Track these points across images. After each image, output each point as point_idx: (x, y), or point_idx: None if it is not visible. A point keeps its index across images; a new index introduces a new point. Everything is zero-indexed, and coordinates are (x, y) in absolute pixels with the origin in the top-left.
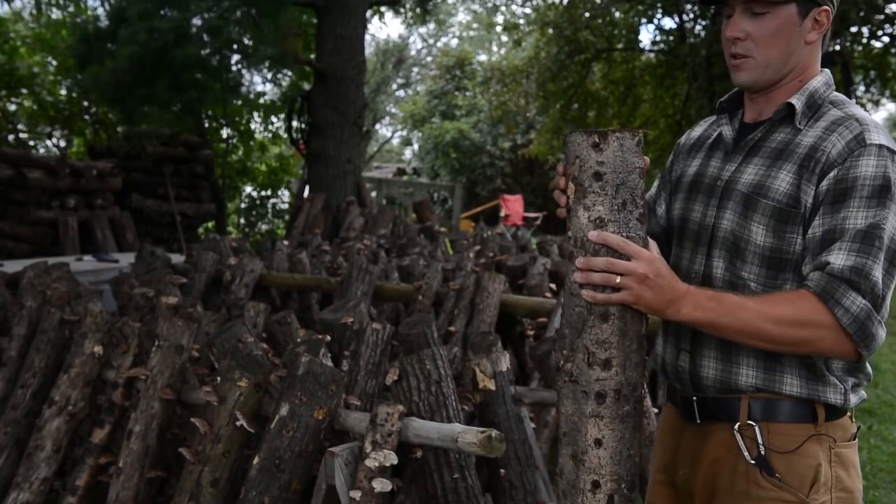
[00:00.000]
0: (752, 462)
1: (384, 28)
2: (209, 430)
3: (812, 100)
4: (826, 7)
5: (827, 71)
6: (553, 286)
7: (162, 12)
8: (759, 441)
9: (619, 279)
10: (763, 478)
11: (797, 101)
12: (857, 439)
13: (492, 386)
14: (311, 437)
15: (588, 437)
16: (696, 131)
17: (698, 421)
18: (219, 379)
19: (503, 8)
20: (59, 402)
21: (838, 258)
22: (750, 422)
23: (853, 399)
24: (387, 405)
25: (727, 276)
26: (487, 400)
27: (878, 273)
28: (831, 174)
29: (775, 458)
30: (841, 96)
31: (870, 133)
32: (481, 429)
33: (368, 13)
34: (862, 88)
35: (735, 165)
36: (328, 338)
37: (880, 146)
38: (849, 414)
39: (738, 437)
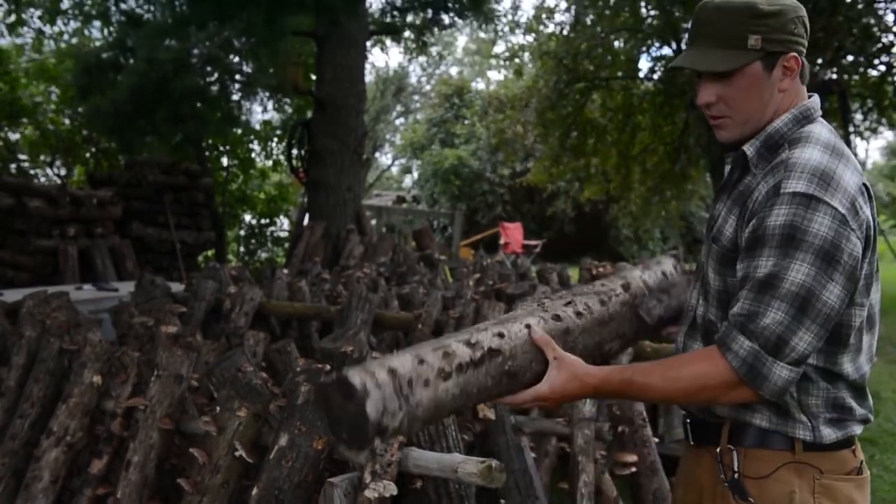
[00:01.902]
0: (726, 484)
1: (385, 56)
2: (208, 460)
3: (771, 141)
4: (792, 53)
5: (805, 105)
6: None
7: (164, 43)
8: (735, 465)
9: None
10: (735, 500)
11: (749, 149)
12: (862, 474)
13: (492, 415)
14: (310, 467)
15: None
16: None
17: (692, 442)
18: (218, 408)
19: (507, 35)
20: (57, 433)
21: (736, 307)
22: (730, 446)
23: (830, 434)
24: None
25: (703, 314)
26: (487, 429)
27: (769, 319)
28: (752, 223)
29: (749, 482)
30: (806, 133)
31: (789, 180)
32: (481, 459)
33: (368, 43)
34: (860, 117)
35: (719, 206)
36: (328, 367)
37: (794, 194)
38: (852, 448)
39: (717, 460)
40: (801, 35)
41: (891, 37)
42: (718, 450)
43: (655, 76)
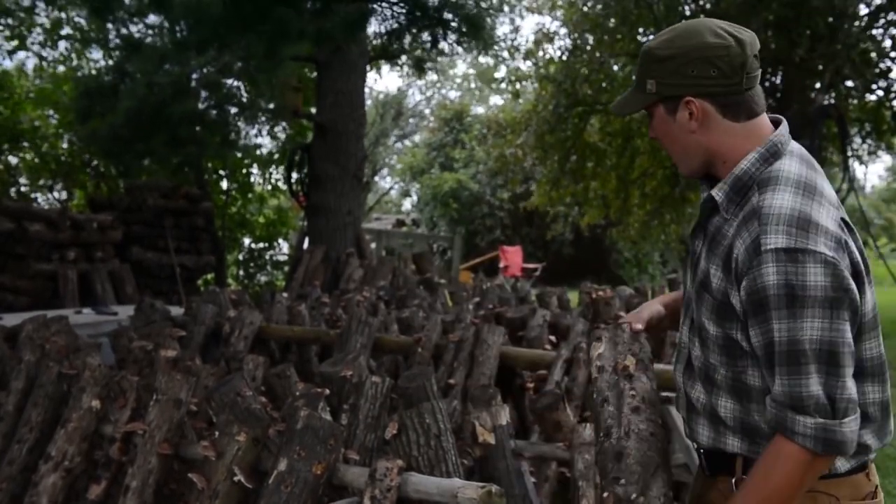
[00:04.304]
0: None
1: (379, 77)
2: (207, 485)
3: (739, 184)
4: (688, 98)
5: (772, 140)
6: (553, 338)
7: (163, 67)
8: None
9: None
10: None
11: (718, 194)
12: (876, 497)
13: (491, 440)
14: (309, 493)
15: None
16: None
17: (707, 473)
18: (217, 433)
19: (507, 60)
20: (55, 458)
21: (776, 386)
22: (744, 476)
23: (844, 464)
24: (386, 460)
25: (703, 358)
26: (487, 454)
27: (813, 387)
28: (743, 283)
29: None
30: (775, 172)
31: (767, 235)
32: (481, 484)
33: (367, 66)
34: (858, 140)
35: (700, 243)
36: (327, 391)
37: (776, 250)
38: (865, 472)
39: (732, 489)
40: (708, 76)
41: (888, 62)
42: (734, 480)
43: None
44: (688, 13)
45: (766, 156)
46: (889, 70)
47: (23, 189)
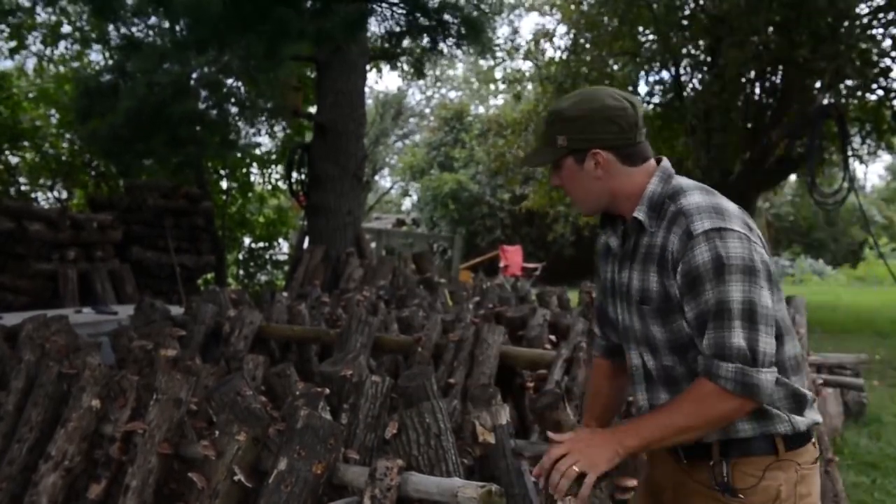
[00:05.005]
0: (717, 487)
1: (379, 78)
2: (207, 484)
3: (653, 202)
4: (595, 149)
5: (662, 166)
6: (553, 338)
7: (163, 67)
8: (724, 472)
9: (575, 467)
10: (727, 499)
11: (640, 215)
12: (818, 462)
13: (491, 439)
14: (309, 492)
15: None
16: (602, 238)
17: (685, 462)
18: (217, 433)
19: (505, 61)
20: (55, 457)
21: (704, 341)
22: (722, 458)
23: (802, 421)
24: (386, 459)
25: (658, 364)
26: (487, 453)
27: (735, 338)
28: (679, 269)
29: (739, 483)
30: (677, 185)
31: (693, 223)
32: (481, 483)
33: (367, 66)
34: (858, 140)
35: (627, 272)
36: (327, 391)
37: (705, 231)
38: (813, 441)
39: (711, 472)
40: (611, 132)
41: (888, 61)
42: (712, 463)
43: (654, 100)
44: (688, 13)
45: (665, 177)
46: (889, 70)
47: (23, 188)
